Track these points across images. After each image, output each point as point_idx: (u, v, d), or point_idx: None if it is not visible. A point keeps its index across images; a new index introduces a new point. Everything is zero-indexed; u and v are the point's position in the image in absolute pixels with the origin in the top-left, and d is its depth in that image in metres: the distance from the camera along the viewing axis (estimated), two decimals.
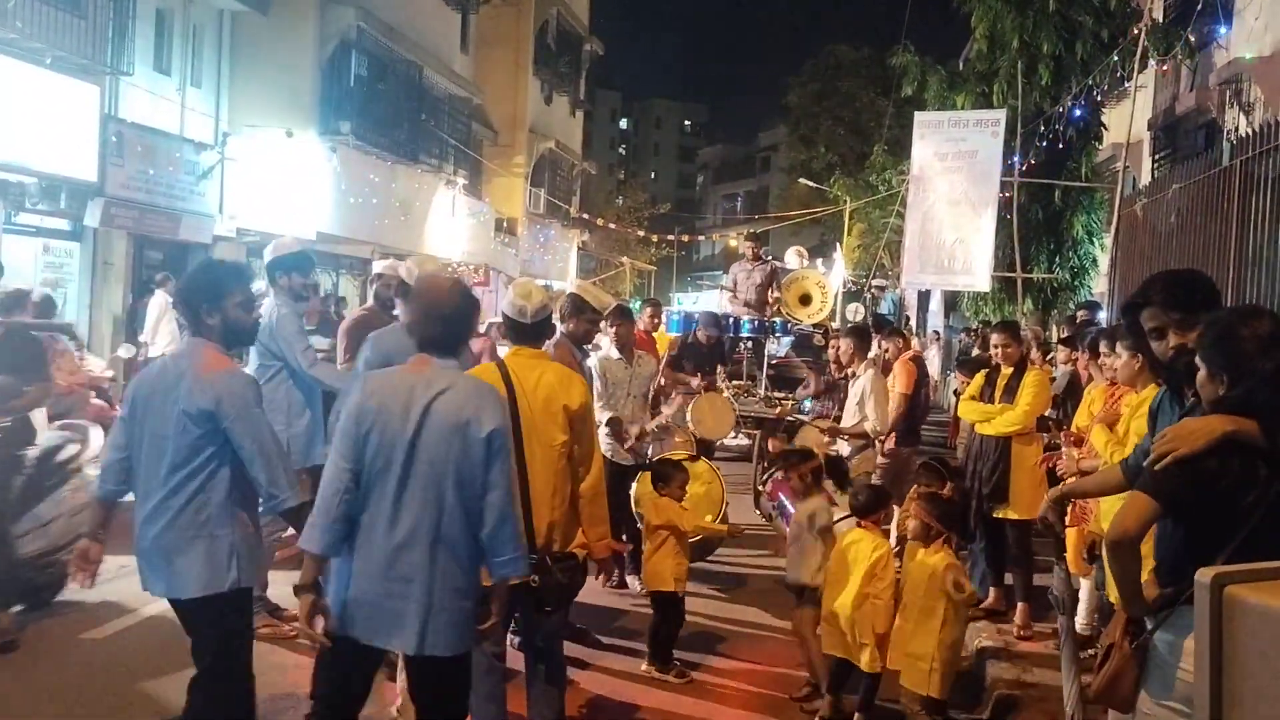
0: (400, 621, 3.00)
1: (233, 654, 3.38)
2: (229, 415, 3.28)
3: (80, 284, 13.54)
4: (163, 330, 12.10)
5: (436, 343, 3.16)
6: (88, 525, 3.69)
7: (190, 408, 3.28)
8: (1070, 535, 5.13)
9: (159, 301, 12.27)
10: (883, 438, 7.09)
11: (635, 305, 10.29)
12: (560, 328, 5.15)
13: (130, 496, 3.47)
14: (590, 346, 5.83)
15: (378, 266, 6.25)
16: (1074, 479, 4.73)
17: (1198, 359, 2.59)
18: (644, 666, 5.09)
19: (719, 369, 9.34)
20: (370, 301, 6.14)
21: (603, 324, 5.78)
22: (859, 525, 4.61)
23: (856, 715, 4.44)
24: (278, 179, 15.48)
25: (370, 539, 3.03)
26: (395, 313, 5.57)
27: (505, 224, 25.90)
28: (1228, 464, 2.39)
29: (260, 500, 3.38)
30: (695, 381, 8.43)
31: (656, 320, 9.38)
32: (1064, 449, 5.28)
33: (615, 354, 6.21)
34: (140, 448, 3.39)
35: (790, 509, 5.27)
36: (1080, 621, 5.40)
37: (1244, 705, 2.09)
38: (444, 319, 3.16)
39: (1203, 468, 2.40)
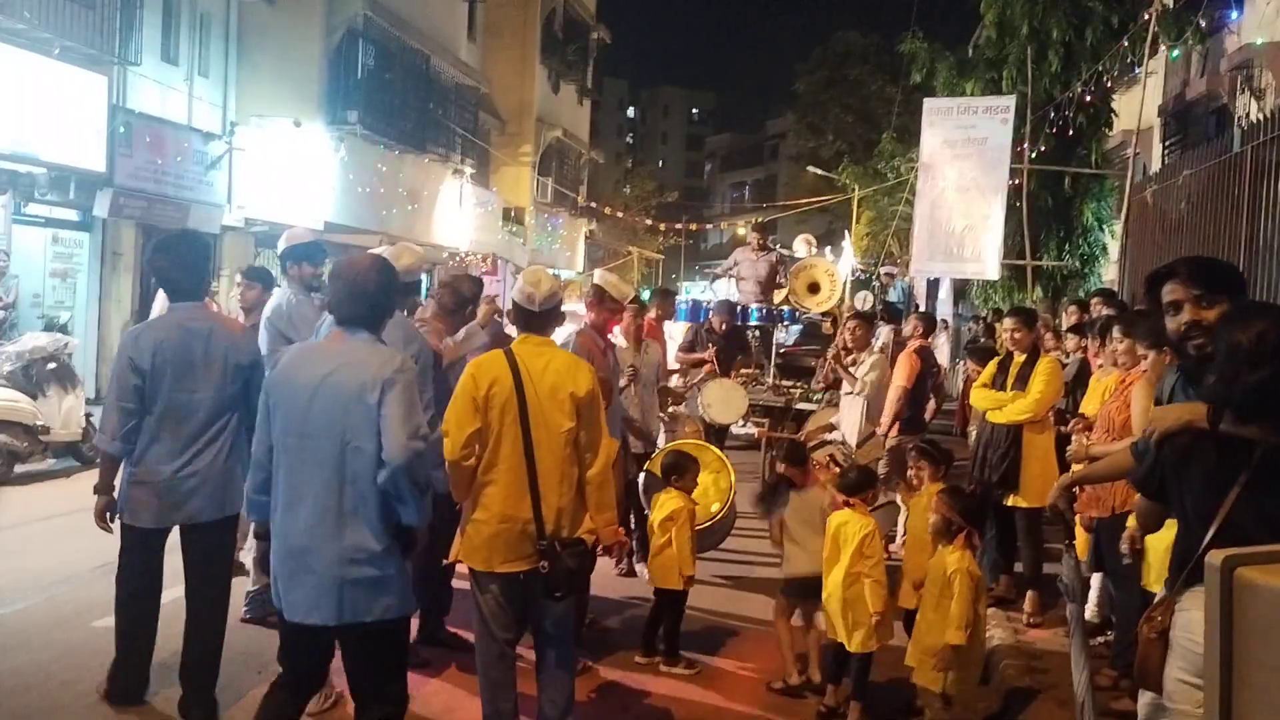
0: (315, 595, 3.02)
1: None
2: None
3: (89, 274, 13.61)
4: None
5: (355, 320, 3.18)
6: (100, 482, 3.87)
7: (244, 360, 3.79)
8: (1080, 522, 5.12)
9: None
10: (887, 404, 7.22)
11: (645, 295, 10.26)
12: (587, 316, 5.34)
13: None
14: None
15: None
16: (1083, 466, 4.70)
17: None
18: (645, 658, 5.07)
19: (738, 359, 9.32)
20: None
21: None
22: (847, 505, 4.53)
23: (851, 702, 4.38)
24: (285, 169, 15.50)
25: (279, 516, 3.08)
26: None
27: (513, 213, 25.88)
28: (1175, 445, 2.54)
29: None
30: (705, 354, 8.50)
31: (666, 310, 9.37)
32: (1073, 435, 5.25)
33: (623, 342, 6.27)
34: (165, 404, 3.71)
35: None
36: (1089, 610, 5.39)
37: (1253, 686, 2.10)
38: (367, 297, 3.18)
39: (1158, 453, 2.58)
